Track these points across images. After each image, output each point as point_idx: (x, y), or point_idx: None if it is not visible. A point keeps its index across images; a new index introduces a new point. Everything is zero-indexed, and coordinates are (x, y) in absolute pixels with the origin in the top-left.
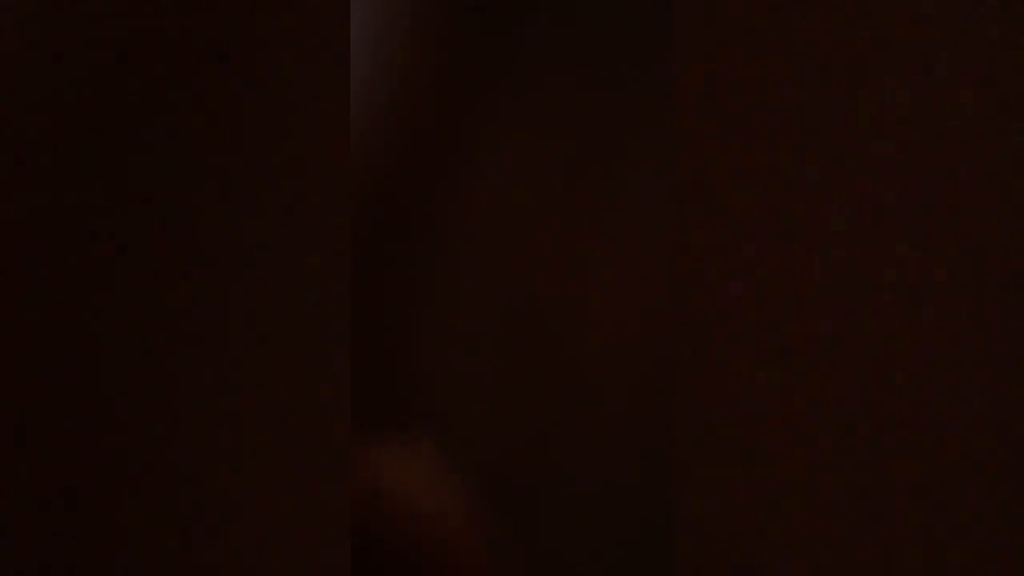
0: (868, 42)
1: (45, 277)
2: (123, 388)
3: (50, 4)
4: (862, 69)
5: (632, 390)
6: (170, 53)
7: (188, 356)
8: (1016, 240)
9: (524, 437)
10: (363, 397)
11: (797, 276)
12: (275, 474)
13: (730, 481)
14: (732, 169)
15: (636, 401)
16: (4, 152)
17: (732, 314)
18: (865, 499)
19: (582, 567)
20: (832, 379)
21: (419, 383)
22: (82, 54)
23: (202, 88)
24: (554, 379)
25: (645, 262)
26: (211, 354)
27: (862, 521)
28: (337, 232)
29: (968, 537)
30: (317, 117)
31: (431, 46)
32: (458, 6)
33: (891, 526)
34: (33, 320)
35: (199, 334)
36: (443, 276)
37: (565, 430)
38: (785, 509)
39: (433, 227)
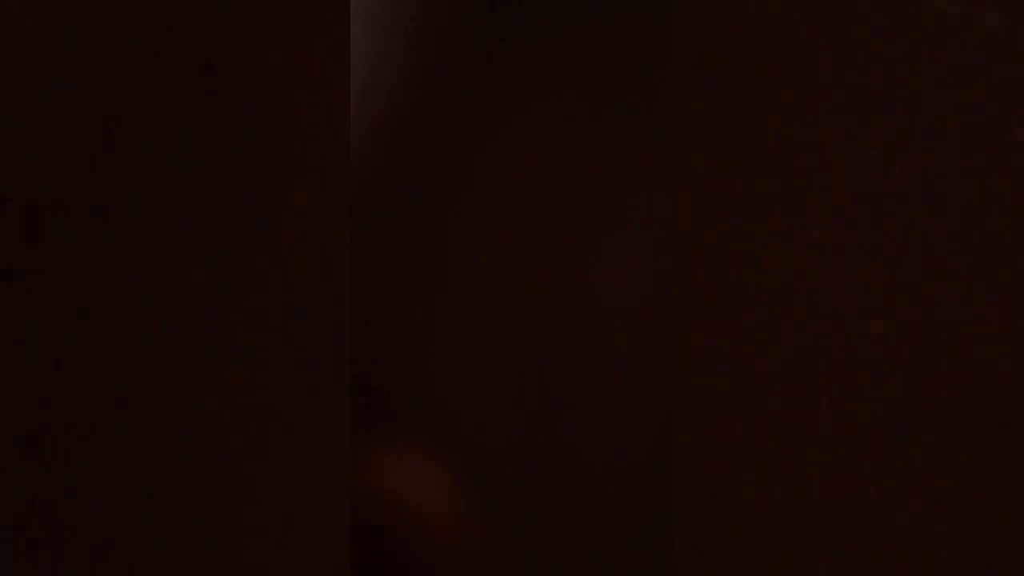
0: (870, 51)
1: (44, 279)
2: (124, 390)
3: (52, 5)
4: (864, 78)
5: (633, 390)
6: (170, 54)
7: (187, 356)
8: (1018, 239)
9: (524, 437)
10: (363, 397)
11: (799, 275)
12: (275, 474)
13: (731, 479)
14: (735, 167)
15: (636, 401)
16: (6, 152)
17: (733, 313)
18: (868, 494)
19: (582, 565)
20: (835, 376)
21: (419, 383)
22: (84, 55)
23: (203, 90)
24: (554, 380)
25: (646, 262)
26: (210, 354)
27: (864, 517)
28: (337, 232)
29: (973, 538)
30: (317, 118)
31: (432, 46)
32: (461, 11)
33: (894, 526)
34: (35, 322)
35: (198, 334)
36: (443, 276)
37: (565, 430)
38: (786, 504)
39: (434, 228)
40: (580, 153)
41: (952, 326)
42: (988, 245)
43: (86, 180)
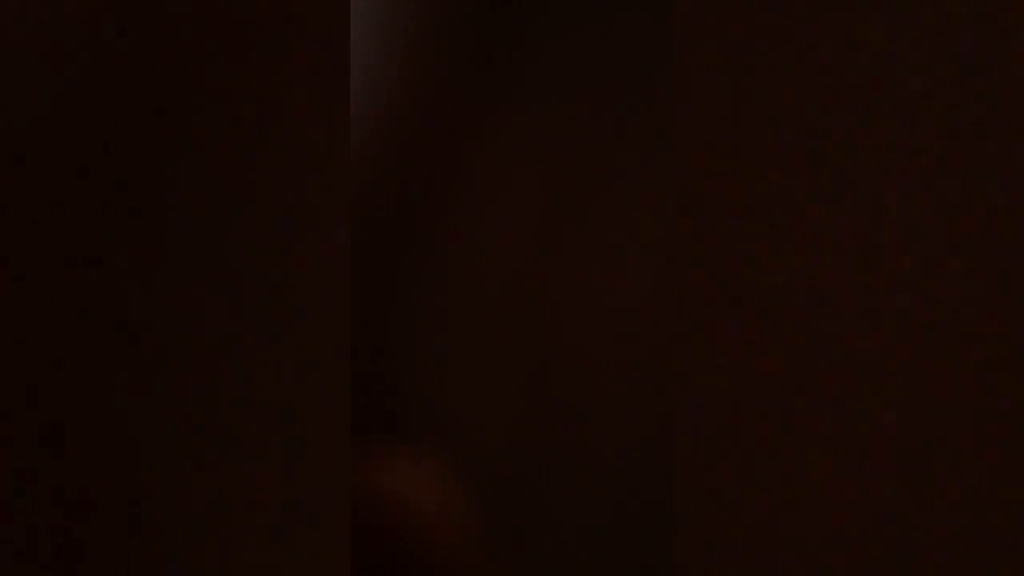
0: (870, 51)
1: (44, 279)
2: (123, 390)
3: (52, 5)
4: (864, 78)
5: (633, 390)
6: (170, 54)
7: (187, 356)
8: (1019, 239)
9: (524, 437)
10: (363, 397)
11: (799, 275)
12: (275, 474)
13: (731, 479)
14: (735, 167)
15: (636, 401)
16: (6, 152)
17: (733, 313)
18: (868, 494)
19: (582, 565)
20: (835, 376)
21: (419, 383)
22: (84, 55)
23: (203, 90)
24: (554, 380)
25: (646, 262)
26: (210, 354)
27: (864, 517)
28: (337, 232)
29: (973, 538)
30: (317, 118)
31: (432, 46)
32: (461, 11)
33: (894, 526)
34: (35, 322)
35: (198, 334)
36: (443, 276)
37: (565, 430)
38: (786, 504)
39: (434, 228)
40: (580, 153)
41: (952, 326)
42: (989, 245)
43: (86, 180)
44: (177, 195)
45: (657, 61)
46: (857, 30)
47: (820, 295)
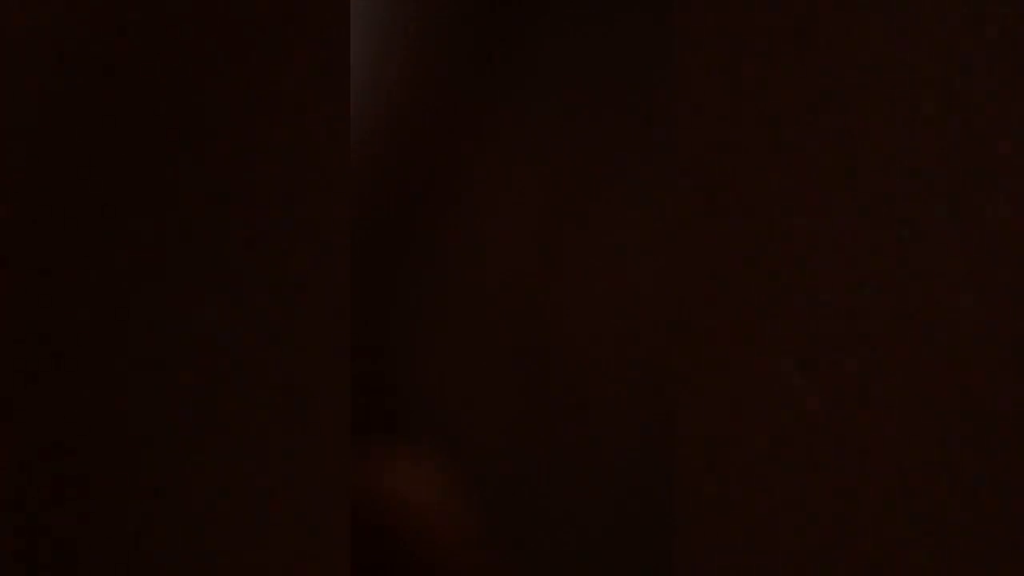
0: (870, 51)
1: (45, 279)
2: (123, 389)
3: (52, 5)
4: (864, 78)
5: (633, 390)
6: (170, 54)
7: (187, 356)
8: (1019, 238)
9: (524, 437)
10: (363, 397)
11: (799, 274)
12: (275, 474)
13: (730, 479)
14: (735, 167)
15: (636, 401)
16: (6, 152)
17: (733, 312)
18: (867, 494)
19: (582, 565)
20: (835, 376)
21: (419, 383)
22: (84, 55)
23: (203, 90)
24: (554, 380)
25: (646, 262)
26: (210, 356)
27: (864, 517)
28: (337, 234)
29: (973, 538)
30: (317, 118)
31: (432, 46)
32: (461, 11)
33: (894, 526)
34: (35, 322)
35: (198, 334)
36: (444, 276)
37: (565, 430)
38: (786, 505)
39: (434, 228)
40: (580, 153)
41: (952, 326)
42: (989, 244)
43: (86, 180)
44: (177, 195)
45: (657, 61)
46: (857, 30)
47: (820, 295)
